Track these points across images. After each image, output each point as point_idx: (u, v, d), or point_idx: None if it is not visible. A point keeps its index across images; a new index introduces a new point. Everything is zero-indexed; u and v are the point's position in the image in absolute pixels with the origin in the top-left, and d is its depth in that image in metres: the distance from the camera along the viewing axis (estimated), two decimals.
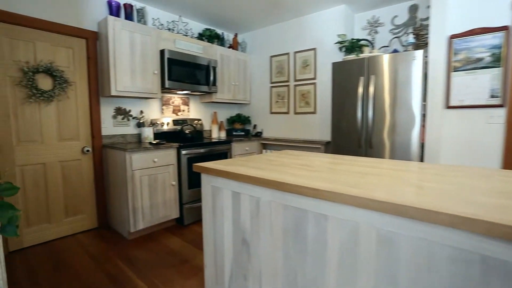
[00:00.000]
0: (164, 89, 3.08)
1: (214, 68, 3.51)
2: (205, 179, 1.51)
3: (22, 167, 2.39)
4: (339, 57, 3.35)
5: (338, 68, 2.88)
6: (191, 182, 2.99)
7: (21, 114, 2.36)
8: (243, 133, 4.20)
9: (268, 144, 4.15)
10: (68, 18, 2.58)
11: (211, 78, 3.43)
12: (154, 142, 2.91)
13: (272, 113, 4.09)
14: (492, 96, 2.46)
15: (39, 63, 2.42)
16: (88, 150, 2.74)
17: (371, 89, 2.66)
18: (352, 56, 3.04)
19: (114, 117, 2.96)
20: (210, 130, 4.07)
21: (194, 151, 2.99)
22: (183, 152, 2.89)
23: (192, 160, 2.99)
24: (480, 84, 2.49)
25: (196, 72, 3.28)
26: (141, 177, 2.58)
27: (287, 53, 3.82)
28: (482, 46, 2.47)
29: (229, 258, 1.39)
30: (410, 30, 3.14)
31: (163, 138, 3.32)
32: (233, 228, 1.36)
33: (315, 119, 3.65)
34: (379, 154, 2.69)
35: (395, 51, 3.13)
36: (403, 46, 3.14)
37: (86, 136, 2.76)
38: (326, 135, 3.55)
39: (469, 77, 2.53)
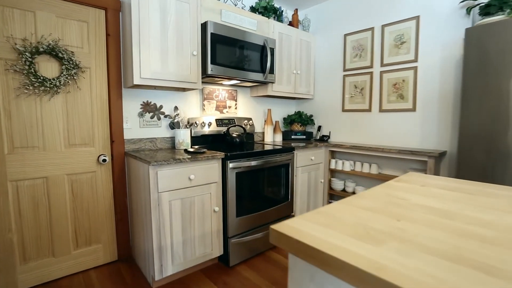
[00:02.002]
0: (205, 77, 2.26)
1: (272, 50, 2.61)
2: (297, 264, 0.61)
3: (17, 182, 1.75)
4: (461, 25, 2.20)
5: (484, 36, 1.77)
6: (240, 207, 2.13)
7: (16, 111, 1.72)
8: (304, 136, 3.24)
9: (340, 153, 3.12)
10: None
11: (268, 63, 2.54)
12: (191, 149, 2.11)
13: (345, 110, 3.06)
14: None
15: (40, 41, 1.76)
16: (105, 160, 2.03)
17: None
18: (498, 18, 1.88)
19: (141, 115, 2.22)
20: (263, 133, 3.19)
21: (245, 163, 2.12)
22: (231, 165, 2.04)
23: (242, 176, 2.13)
24: None
25: (248, 55, 2.41)
26: (171, 202, 1.79)
27: (371, 28, 2.76)
28: None
29: None
30: None
31: (204, 143, 2.52)
32: None
33: (413, 120, 2.53)
34: None
35: None
36: None
37: (103, 141, 2.06)
38: (432, 142, 2.42)
39: None
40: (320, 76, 3.27)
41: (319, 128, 3.29)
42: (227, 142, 2.50)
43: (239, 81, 2.53)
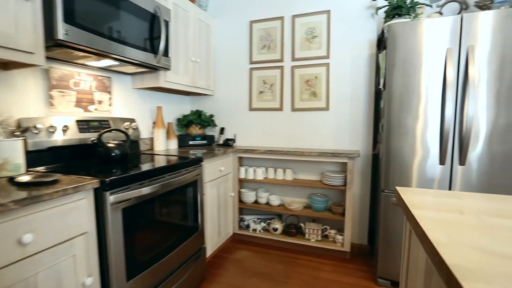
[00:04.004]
0: (54, 46, 1.29)
1: (167, 24, 1.86)
2: None
3: None
4: (369, 25, 2.20)
5: (401, 34, 1.71)
6: (132, 263, 1.31)
7: None
8: (205, 141, 2.63)
9: (247, 159, 2.69)
10: None
11: (162, 41, 1.78)
12: (25, 177, 1.11)
13: (252, 109, 2.66)
14: None
15: None
16: None
17: (472, 71, 1.57)
18: (403, 20, 1.91)
19: None
20: (152, 139, 2.34)
21: (136, 192, 1.31)
22: (112, 198, 1.20)
23: (133, 212, 1.31)
24: None
25: (133, 23, 1.58)
26: None
27: (281, 17, 2.46)
28: None
29: None
30: None
31: (55, 161, 1.50)
32: None
33: (327, 119, 2.41)
34: (482, 175, 1.63)
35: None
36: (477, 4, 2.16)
37: None
38: (346, 143, 2.36)
39: None
40: (222, 68, 2.74)
41: (222, 130, 2.76)
42: (100, 157, 1.57)
43: (116, 62, 1.64)
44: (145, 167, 1.49)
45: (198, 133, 2.62)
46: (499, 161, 1.59)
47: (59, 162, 1.51)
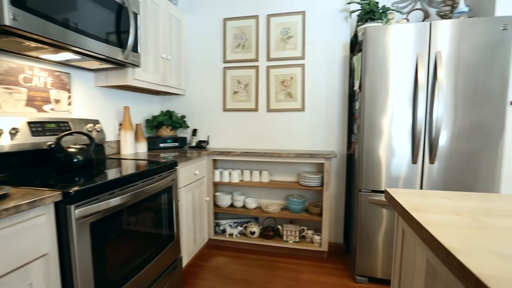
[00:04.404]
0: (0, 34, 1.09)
1: (136, 17, 1.70)
2: None
3: None
4: (343, 28, 2.24)
5: (376, 38, 1.75)
6: (103, 284, 1.15)
7: None
8: (176, 143, 2.48)
9: (222, 161, 2.60)
10: None
11: (131, 34, 1.62)
12: None
13: (227, 110, 2.57)
14: None
15: None
16: None
17: (441, 75, 1.66)
18: (376, 24, 1.97)
19: None
20: (118, 142, 2.14)
21: (105, 203, 1.16)
22: (78, 212, 1.04)
23: (102, 226, 1.16)
24: None
25: (97, 13, 1.41)
26: None
27: (256, 16, 2.40)
28: None
29: None
30: (418, 5, 2.37)
31: (1, 170, 1.28)
32: None
33: (302, 120, 2.41)
34: (448, 173, 1.73)
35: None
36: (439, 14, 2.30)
37: None
38: (321, 143, 2.38)
39: None
40: (194, 67, 2.60)
41: (194, 132, 2.63)
42: (59, 164, 1.37)
43: (77, 56, 1.46)
44: (115, 174, 1.33)
45: (169, 135, 2.46)
46: (464, 160, 1.70)
47: (7, 172, 1.29)
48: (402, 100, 1.75)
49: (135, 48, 1.72)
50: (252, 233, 2.40)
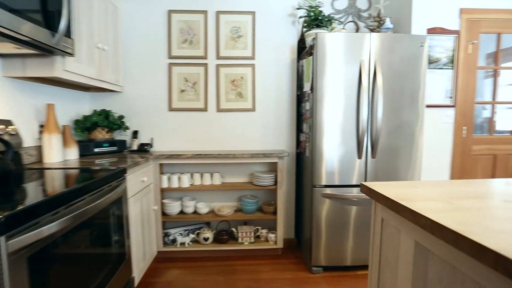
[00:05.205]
0: None
1: None
2: None
3: None
4: (292, 31, 2.34)
5: (327, 43, 1.88)
6: None
7: None
8: (115, 147, 2.18)
9: (168, 165, 2.40)
10: None
11: (65, 15, 1.33)
12: None
13: (173, 109, 2.37)
14: (446, 97, 2.43)
15: None
16: None
17: (380, 80, 1.89)
18: (323, 31, 2.13)
19: None
20: (39, 147, 1.74)
21: (42, 230, 0.91)
22: (10, 243, 0.79)
23: (41, 258, 0.92)
24: (438, 84, 2.40)
25: None
26: None
27: (204, 11, 2.29)
28: (440, 46, 2.37)
29: None
30: (350, 18, 2.68)
31: None
32: None
33: (253, 120, 2.42)
34: (384, 165, 1.99)
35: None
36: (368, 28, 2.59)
37: None
38: (272, 143, 2.44)
39: (431, 76, 2.38)
40: (133, 61, 2.32)
41: (135, 134, 2.35)
42: None
43: None
44: (53, 188, 1.07)
45: (105, 138, 2.12)
46: (395, 153, 1.99)
47: None
48: (349, 101, 1.93)
49: (68, 33, 1.42)
50: (206, 239, 2.29)
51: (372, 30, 2.48)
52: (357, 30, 2.58)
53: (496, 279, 0.56)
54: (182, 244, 2.28)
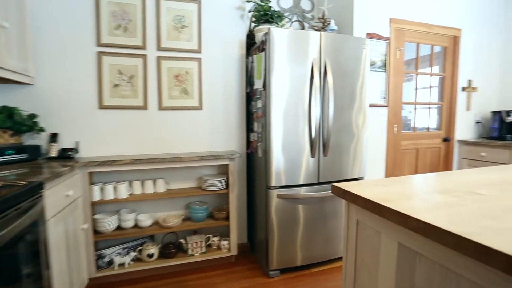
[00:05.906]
0: None
1: None
2: None
3: None
4: (240, 26, 2.22)
5: (278, 39, 1.82)
6: None
7: None
8: (24, 155, 1.73)
9: (100, 173, 2.04)
10: None
11: None
12: None
13: (105, 107, 2.01)
14: (381, 97, 2.67)
15: None
16: None
17: (330, 79, 1.92)
18: (273, 27, 2.06)
19: None
20: None
21: None
22: None
23: None
24: (375, 85, 2.61)
25: None
26: None
27: None
28: (375, 50, 2.58)
29: None
30: (295, 18, 2.72)
31: None
32: None
33: (200, 119, 2.22)
34: (334, 163, 2.04)
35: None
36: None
37: None
38: (220, 144, 2.29)
39: (369, 77, 2.57)
40: (50, 46, 1.86)
41: (54, 137, 1.91)
42: None
43: None
44: None
45: (9, 143, 1.65)
46: (344, 150, 2.06)
47: None
48: (301, 99, 1.91)
49: None
50: (150, 255, 2.00)
51: (317, 31, 2.53)
52: (303, 29, 2.62)
53: (500, 280, 0.55)
54: (121, 265, 1.95)
